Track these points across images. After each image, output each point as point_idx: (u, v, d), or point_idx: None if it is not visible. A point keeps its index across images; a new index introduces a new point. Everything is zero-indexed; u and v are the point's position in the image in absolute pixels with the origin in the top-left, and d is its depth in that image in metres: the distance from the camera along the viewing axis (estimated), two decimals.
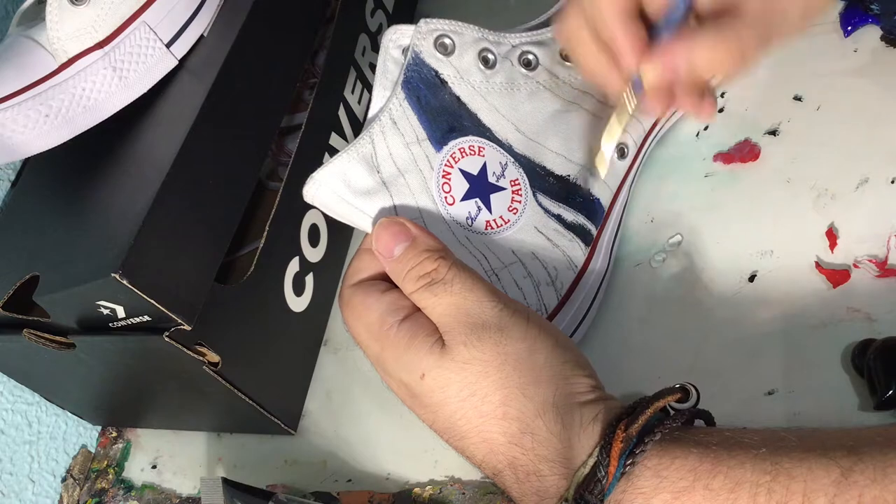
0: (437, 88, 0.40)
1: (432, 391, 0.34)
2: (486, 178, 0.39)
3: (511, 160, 0.40)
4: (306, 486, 0.47)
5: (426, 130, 0.39)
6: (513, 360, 0.33)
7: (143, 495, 0.53)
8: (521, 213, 0.39)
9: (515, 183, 0.40)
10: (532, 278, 0.39)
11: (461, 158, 0.39)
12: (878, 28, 0.45)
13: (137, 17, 0.45)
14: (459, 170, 0.39)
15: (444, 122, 0.40)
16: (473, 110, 0.40)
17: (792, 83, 0.45)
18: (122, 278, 0.36)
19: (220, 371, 0.43)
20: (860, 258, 0.39)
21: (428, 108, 0.39)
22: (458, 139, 0.39)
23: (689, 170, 0.46)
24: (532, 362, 0.33)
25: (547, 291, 0.39)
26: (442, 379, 0.33)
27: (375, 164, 0.38)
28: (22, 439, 0.53)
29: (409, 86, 0.39)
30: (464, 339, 0.33)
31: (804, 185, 0.42)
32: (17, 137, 0.42)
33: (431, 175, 0.39)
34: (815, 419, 0.36)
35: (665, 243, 0.44)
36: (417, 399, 0.35)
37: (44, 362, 0.47)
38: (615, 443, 0.30)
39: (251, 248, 0.49)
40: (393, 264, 0.36)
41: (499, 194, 0.40)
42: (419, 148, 0.39)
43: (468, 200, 0.39)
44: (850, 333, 0.37)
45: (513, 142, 0.40)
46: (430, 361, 0.33)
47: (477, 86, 0.40)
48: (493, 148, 0.40)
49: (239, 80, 0.45)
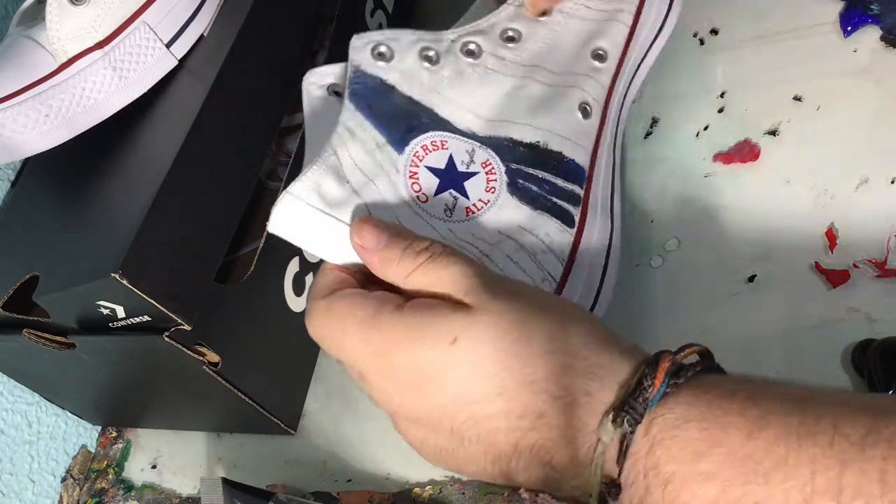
0: (385, 94, 0.40)
1: (464, 355, 0.31)
2: (455, 168, 0.39)
3: (477, 145, 0.40)
4: (306, 486, 0.47)
5: (384, 135, 0.39)
6: (544, 304, 0.32)
7: (143, 495, 0.53)
8: (499, 190, 0.39)
9: (487, 164, 0.40)
10: (525, 249, 0.38)
11: (425, 156, 0.39)
12: (878, 28, 0.45)
13: (137, 16, 0.45)
14: (426, 167, 0.39)
15: (402, 124, 0.40)
16: (428, 106, 0.40)
17: (792, 83, 0.46)
18: (122, 278, 0.36)
19: (220, 371, 0.43)
20: (860, 258, 0.39)
21: (381, 114, 0.39)
22: (417, 138, 0.39)
23: (689, 170, 0.46)
24: (563, 305, 0.33)
25: (547, 259, 0.39)
26: (477, 335, 0.31)
27: (344, 175, 0.38)
28: (22, 439, 0.53)
29: (356, 97, 0.39)
30: (492, 293, 0.32)
31: (804, 185, 0.42)
32: (17, 137, 0.42)
33: (399, 177, 0.39)
34: None
35: (664, 244, 0.44)
36: (437, 378, 0.32)
37: (44, 362, 0.47)
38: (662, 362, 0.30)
39: (251, 248, 0.49)
40: (384, 251, 0.34)
41: (472, 179, 0.39)
42: (381, 153, 0.39)
43: (442, 194, 0.39)
44: (850, 333, 0.37)
45: (475, 128, 0.40)
46: (461, 322, 0.31)
47: (426, 82, 0.40)
48: (455, 139, 0.40)
49: (239, 80, 0.45)
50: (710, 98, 0.48)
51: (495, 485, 0.42)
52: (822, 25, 0.46)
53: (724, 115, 0.47)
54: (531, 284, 0.35)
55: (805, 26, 0.47)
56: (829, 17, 0.46)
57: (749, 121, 0.46)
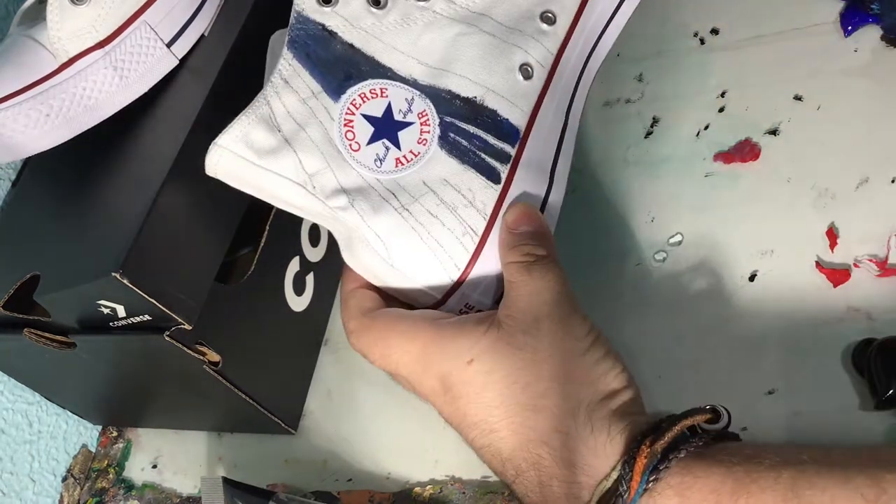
0: (325, 41, 0.40)
1: (475, 377, 0.34)
2: (391, 117, 0.39)
3: (417, 93, 0.40)
4: (307, 486, 0.47)
5: (320, 83, 0.39)
6: (561, 355, 0.33)
7: (143, 495, 0.53)
8: (430, 142, 0.39)
9: (423, 115, 0.40)
10: (446, 204, 0.38)
11: (362, 104, 0.39)
12: (879, 28, 0.45)
13: (138, 16, 0.45)
14: (362, 115, 0.39)
15: (340, 72, 0.40)
16: (370, 54, 0.40)
17: (792, 83, 0.46)
18: (123, 278, 0.37)
19: (220, 370, 0.43)
20: (860, 258, 0.39)
21: (319, 62, 0.39)
22: (356, 85, 0.40)
23: (689, 170, 0.46)
24: (578, 362, 0.33)
25: (468, 213, 0.39)
26: (490, 363, 0.34)
27: (275, 124, 0.38)
28: (22, 438, 0.53)
29: (295, 45, 0.39)
30: (525, 327, 0.34)
31: (804, 184, 0.42)
32: (17, 137, 0.42)
33: (332, 125, 0.39)
34: (815, 419, 0.36)
35: (665, 243, 0.44)
36: (452, 391, 0.35)
37: (44, 362, 0.47)
38: (639, 458, 0.30)
39: (251, 248, 0.49)
40: (511, 235, 0.37)
41: (406, 130, 0.39)
42: (316, 101, 0.39)
43: (374, 143, 0.39)
44: (850, 333, 0.37)
45: (417, 75, 0.40)
46: (483, 345, 0.34)
47: (369, 29, 0.40)
48: (396, 86, 0.40)
49: (240, 79, 0.45)
50: (710, 98, 0.48)
51: (496, 484, 0.42)
52: (822, 25, 0.46)
53: (724, 115, 0.47)
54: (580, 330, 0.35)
55: (805, 26, 0.47)
56: (829, 17, 0.46)
57: (749, 121, 0.46)
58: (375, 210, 0.38)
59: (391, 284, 0.39)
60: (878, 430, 0.35)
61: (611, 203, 0.47)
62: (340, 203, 0.38)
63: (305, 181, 0.38)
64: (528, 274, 0.36)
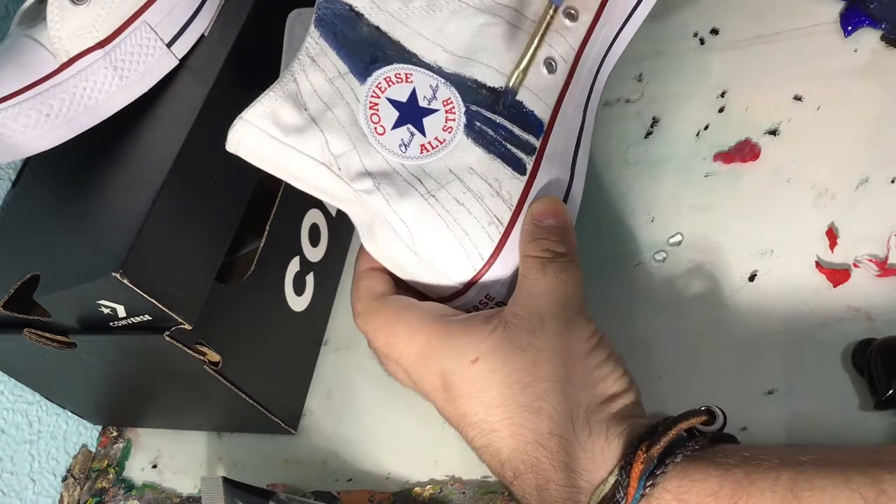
0: (352, 22, 0.39)
1: (477, 376, 0.34)
2: (416, 103, 0.39)
3: (442, 81, 0.40)
4: (307, 486, 0.47)
5: (347, 64, 0.39)
6: (563, 356, 0.33)
7: (143, 495, 0.53)
8: (455, 130, 0.39)
9: (448, 102, 0.39)
10: (472, 192, 0.38)
11: (387, 88, 0.39)
12: (879, 28, 0.45)
13: (138, 16, 0.45)
14: (387, 99, 0.39)
15: (366, 54, 0.39)
16: (395, 38, 0.40)
17: (792, 83, 0.46)
18: (123, 277, 0.37)
19: (220, 370, 0.43)
20: (860, 258, 0.39)
21: (346, 42, 0.39)
22: (382, 69, 0.39)
23: (689, 170, 0.46)
24: (579, 365, 0.33)
25: (494, 203, 0.38)
26: (493, 362, 0.34)
27: (302, 102, 0.38)
28: (22, 438, 0.53)
29: (322, 23, 0.39)
30: (530, 327, 0.34)
31: (804, 185, 0.42)
32: (17, 137, 0.42)
33: (358, 107, 0.38)
34: (816, 419, 0.36)
35: (665, 243, 0.44)
36: (453, 390, 0.35)
37: (44, 362, 0.47)
38: (636, 463, 0.30)
39: (251, 248, 0.49)
40: (535, 228, 0.37)
41: (432, 116, 0.39)
42: (343, 81, 0.38)
43: (399, 128, 0.39)
44: (850, 333, 0.37)
45: (441, 63, 0.40)
46: (488, 344, 0.34)
47: (395, 13, 0.40)
48: (421, 72, 0.40)
49: (239, 79, 0.45)
50: (710, 98, 0.48)
51: (496, 484, 0.42)
52: (822, 25, 0.46)
53: (724, 115, 0.47)
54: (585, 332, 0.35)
55: (805, 26, 0.47)
56: (829, 17, 0.46)
57: (749, 121, 0.46)
58: (401, 195, 0.37)
59: (411, 272, 0.39)
60: (878, 430, 0.35)
61: (611, 203, 0.47)
62: (366, 186, 0.37)
63: (331, 162, 0.37)
64: (542, 271, 0.36)
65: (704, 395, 0.34)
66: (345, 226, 0.55)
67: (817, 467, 0.28)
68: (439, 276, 0.38)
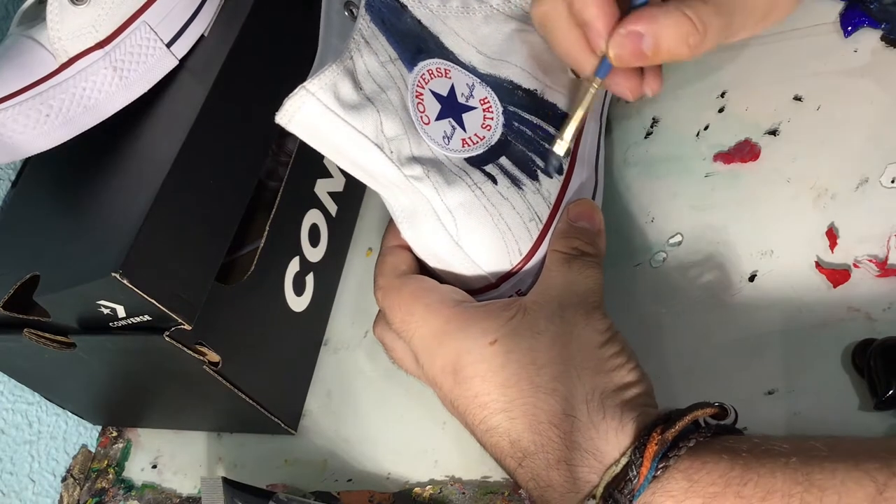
0: (398, 12, 0.39)
1: (494, 356, 0.34)
2: (455, 98, 0.40)
3: (477, 80, 0.40)
4: (306, 486, 0.47)
5: (396, 50, 0.39)
6: (579, 342, 0.34)
7: (143, 495, 0.53)
8: (495, 128, 0.39)
9: (485, 101, 0.40)
10: (517, 188, 0.39)
11: (430, 80, 0.39)
12: (878, 28, 0.45)
13: (138, 16, 0.45)
14: (430, 90, 0.39)
15: (412, 44, 0.39)
16: (435, 33, 0.40)
17: (792, 83, 0.45)
18: (123, 278, 0.37)
19: (220, 371, 0.43)
20: (860, 258, 0.39)
21: (394, 30, 0.39)
22: (426, 60, 0.39)
23: (689, 170, 0.46)
24: (595, 352, 0.34)
25: (536, 200, 0.39)
26: (510, 344, 0.34)
27: (358, 81, 0.37)
28: (22, 439, 0.53)
29: (371, 8, 0.39)
30: (549, 314, 0.35)
31: (804, 185, 0.42)
32: (17, 137, 0.42)
33: (407, 94, 0.39)
34: (816, 419, 0.36)
35: (665, 243, 0.44)
36: (464, 371, 0.35)
37: (44, 362, 0.47)
38: (650, 445, 0.30)
39: (251, 248, 0.49)
40: (568, 227, 0.39)
41: (470, 113, 0.40)
42: (393, 66, 0.38)
43: (442, 120, 0.39)
44: (850, 333, 0.37)
45: (476, 63, 0.41)
46: (508, 328, 0.35)
47: (435, 10, 0.40)
48: (458, 70, 0.40)
49: (239, 79, 0.45)
50: (710, 98, 0.48)
51: (496, 484, 0.42)
52: (822, 25, 0.46)
53: (724, 115, 0.47)
54: (602, 323, 0.36)
55: (805, 26, 0.47)
56: (829, 17, 0.46)
57: (749, 121, 0.46)
58: (450, 184, 0.37)
59: (447, 262, 0.39)
60: (878, 430, 0.35)
61: (611, 203, 0.46)
62: (416, 172, 0.37)
63: (383, 144, 0.37)
64: (567, 265, 0.37)
65: (704, 395, 0.34)
66: (345, 226, 0.55)
67: (828, 451, 0.28)
68: (475, 268, 0.38)
